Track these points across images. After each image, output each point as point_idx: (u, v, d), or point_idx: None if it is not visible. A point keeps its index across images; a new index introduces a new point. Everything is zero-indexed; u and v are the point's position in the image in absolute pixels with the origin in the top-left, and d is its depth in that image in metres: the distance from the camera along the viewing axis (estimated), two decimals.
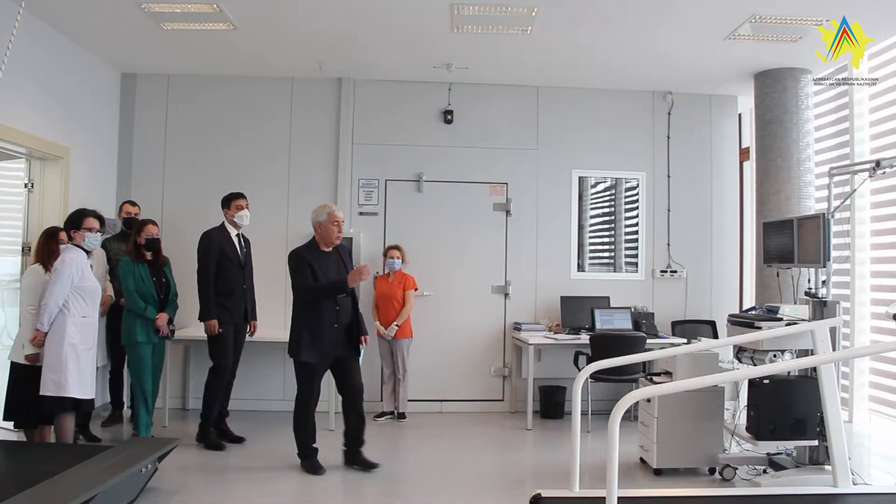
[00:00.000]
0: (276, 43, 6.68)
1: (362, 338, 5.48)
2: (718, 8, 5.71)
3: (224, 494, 4.81)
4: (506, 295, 7.81)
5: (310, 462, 5.32)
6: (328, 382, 5.66)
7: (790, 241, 5.42)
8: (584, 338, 7.03)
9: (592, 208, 8.07)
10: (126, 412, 6.70)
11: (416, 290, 7.29)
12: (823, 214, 5.08)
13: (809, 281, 5.52)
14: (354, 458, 5.42)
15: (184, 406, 7.40)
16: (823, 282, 5.16)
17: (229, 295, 6.02)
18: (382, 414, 7.18)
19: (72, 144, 6.54)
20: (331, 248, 5.41)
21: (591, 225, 8.07)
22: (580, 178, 8.00)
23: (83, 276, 4.91)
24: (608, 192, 8.15)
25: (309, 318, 5.22)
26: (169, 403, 6.74)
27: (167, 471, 4.97)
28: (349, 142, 7.69)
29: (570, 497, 4.10)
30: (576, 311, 7.52)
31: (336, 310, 5.26)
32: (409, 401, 7.26)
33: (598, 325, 7.19)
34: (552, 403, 7.40)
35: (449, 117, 7.77)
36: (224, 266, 6.01)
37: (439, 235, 7.75)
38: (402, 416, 7.17)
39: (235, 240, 6.15)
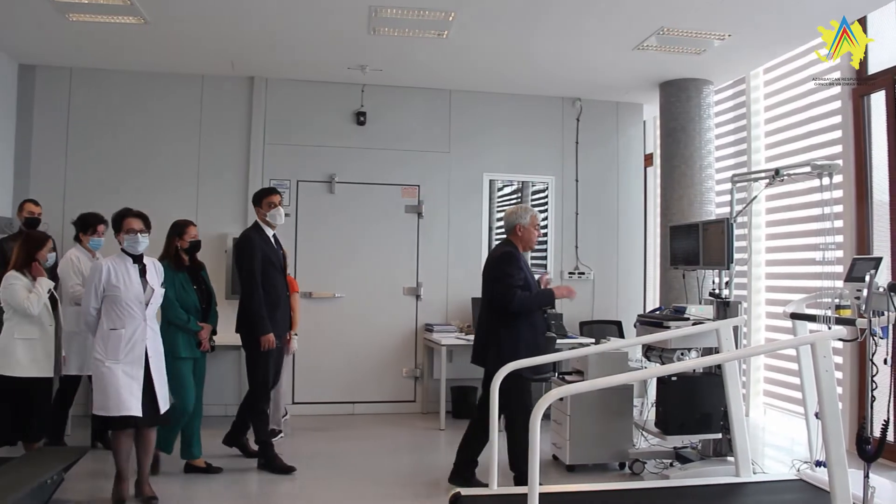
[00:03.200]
0: (187, 39, 6.51)
1: None
2: (629, 20, 5.91)
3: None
4: (417, 296, 7.84)
5: None
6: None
7: (696, 244, 5.67)
8: None
9: (499, 211, 8.17)
10: None
11: (297, 293, 6.72)
12: (727, 219, 5.33)
13: (714, 282, 5.79)
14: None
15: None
16: (727, 283, 5.42)
17: (275, 305, 5.36)
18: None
19: None
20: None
21: (499, 228, 8.18)
22: (491, 181, 8.12)
23: (109, 284, 4.42)
24: (514, 195, 8.29)
25: (526, 329, 4.82)
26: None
27: (74, 480, 4.76)
28: (261, 142, 7.56)
29: (489, 495, 4.16)
30: None
31: (545, 318, 4.91)
32: (320, 403, 7.21)
33: None
34: (464, 404, 7.47)
35: (362, 119, 7.74)
36: (268, 272, 5.33)
37: (351, 237, 7.71)
38: (279, 431, 6.39)
39: (273, 241, 5.52)
